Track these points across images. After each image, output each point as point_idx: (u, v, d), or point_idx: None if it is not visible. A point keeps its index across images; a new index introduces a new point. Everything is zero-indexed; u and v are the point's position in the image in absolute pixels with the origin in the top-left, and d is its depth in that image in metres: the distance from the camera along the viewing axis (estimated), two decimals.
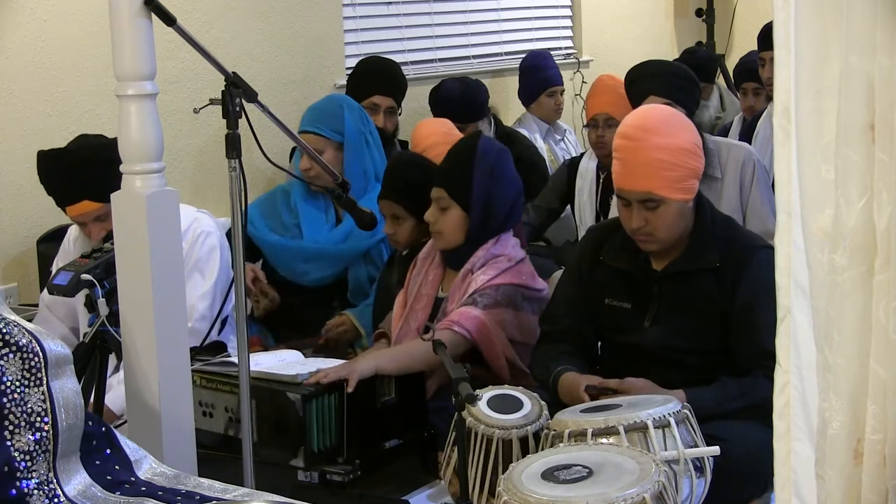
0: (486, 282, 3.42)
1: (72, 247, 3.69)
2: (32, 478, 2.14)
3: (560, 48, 6.47)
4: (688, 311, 3.12)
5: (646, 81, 4.26)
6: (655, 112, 3.19)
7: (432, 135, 4.37)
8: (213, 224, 3.67)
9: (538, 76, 5.65)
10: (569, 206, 5.04)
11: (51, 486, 2.16)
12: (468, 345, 3.34)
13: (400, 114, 4.89)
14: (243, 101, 2.65)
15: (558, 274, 4.48)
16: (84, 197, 3.46)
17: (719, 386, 3.03)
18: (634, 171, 3.05)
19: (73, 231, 3.70)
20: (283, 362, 3.31)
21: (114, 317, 2.80)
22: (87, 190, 3.44)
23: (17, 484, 2.12)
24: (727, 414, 2.97)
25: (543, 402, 2.96)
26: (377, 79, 4.80)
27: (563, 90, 5.74)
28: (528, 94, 5.70)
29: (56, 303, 3.64)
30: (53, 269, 3.71)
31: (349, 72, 5.12)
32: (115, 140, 3.48)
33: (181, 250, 2.74)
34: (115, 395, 3.20)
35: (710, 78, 5.97)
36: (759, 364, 2.89)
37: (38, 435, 2.16)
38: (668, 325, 3.13)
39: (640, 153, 3.03)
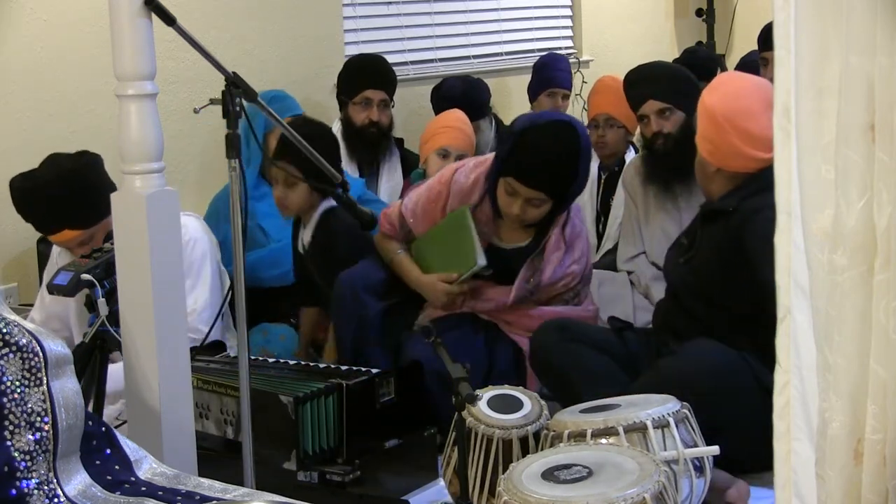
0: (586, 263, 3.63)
1: (57, 259, 3.68)
2: (32, 478, 2.14)
3: (560, 48, 6.47)
4: (707, 253, 3.26)
5: (644, 86, 4.27)
6: (729, 76, 3.57)
7: (448, 121, 4.58)
8: (200, 229, 3.67)
9: (543, 75, 5.66)
10: None
11: (51, 486, 2.16)
12: None
13: (393, 106, 4.89)
14: (243, 101, 2.64)
15: None
16: (64, 226, 3.46)
17: None
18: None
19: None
20: None
21: (114, 317, 2.80)
22: (66, 220, 3.43)
23: (17, 484, 2.12)
24: None
25: (543, 402, 2.96)
26: (367, 74, 4.82)
27: (566, 94, 5.73)
28: (532, 91, 5.72)
29: (50, 318, 3.63)
30: (44, 281, 3.72)
31: None
32: (87, 160, 3.49)
33: (181, 250, 2.74)
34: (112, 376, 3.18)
35: (710, 77, 5.96)
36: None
37: (38, 435, 2.16)
38: (690, 265, 3.29)
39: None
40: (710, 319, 3.22)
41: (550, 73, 5.68)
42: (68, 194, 3.40)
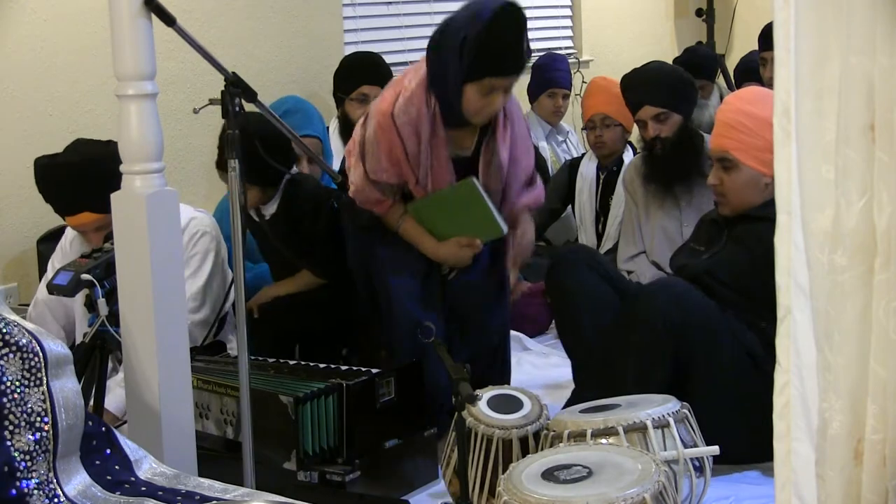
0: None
1: (69, 248, 3.69)
2: (32, 478, 2.14)
3: (560, 48, 6.47)
4: (741, 249, 3.26)
5: (639, 91, 4.30)
6: (761, 90, 3.49)
7: None
8: (210, 225, 3.66)
9: (542, 76, 5.66)
10: (569, 207, 5.05)
11: (51, 486, 2.16)
12: None
13: None
14: (243, 101, 2.64)
15: None
16: (84, 209, 3.46)
17: None
18: (717, 129, 3.32)
19: (71, 232, 3.70)
20: None
21: (114, 317, 2.80)
22: (87, 202, 3.43)
23: (17, 484, 2.12)
24: None
25: (543, 403, 2.96)
26: (364, 70, 4.83)
27: (567, 94, 5.73)
28: (532, 92, 5.72)
29: (53, 301, 3.64)
30: (49, 268, 3.72)
31: None
32: (113, 147, 3.50)
33: (181, 250, 2.74)
34: (115, 396, 3.20)
35: (710, 76, 5.96)
36: None
37: (38, 435, 2.16)
38: (720, 256, 3.31)
39: (724, 113, 3.31)
40: (735, 301, 3.24)
41: (550, 74, 5.68)
42: (92, 177, 3.40)
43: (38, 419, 2.16)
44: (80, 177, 3.43)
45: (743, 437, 2.95)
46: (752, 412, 2.84)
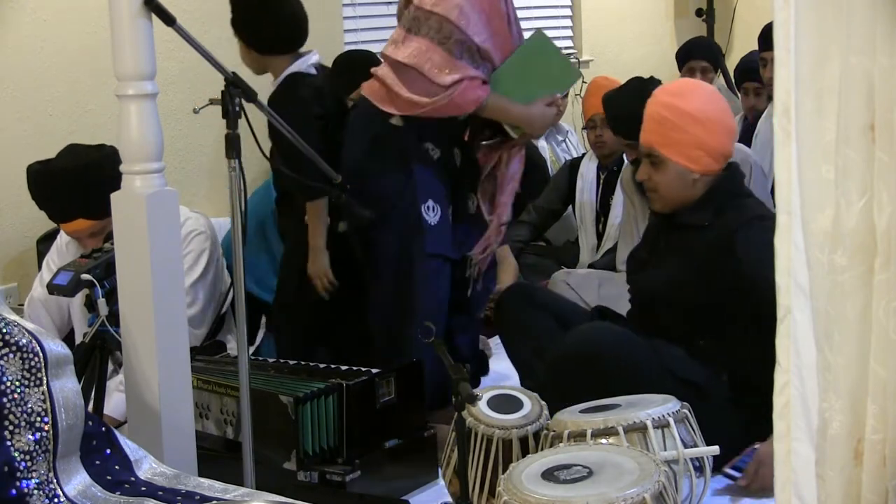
0: None
1: (65, 248, 3.69)
2: (32, 478, 2.14)
3: (560, 48, 6.46)
4: (674, 265, 3.25)
5: (611, 119, 4.41)
6: (689, 81, 3.55)
7: None
8: (205, 225, 3.66)
9: None
10: (570, 207, 5.05)
11: (51, 486, 2.16)
12: None
13: None
14: (243, 101, 2.64)
15: (559, 274, 4.51)
16: (78, 215, 3.46)
17: None
18: (644, 124, 3.29)
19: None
20: None
21: (114, 317, 2.80)
22: (81, 209, 3.44)
23: (17, 484, 2.12)
24: None
25: (543, 403, 2.96)
26: (357, 69, 4.81)
27: (566, 93, 5.71)
28: None
29: (49, 299, 3.65)
30: (44, 267, 3.73)
31: None
32: (106, 152, 3.50)
33: (181, 250, 2.74)
34: (114, 401, 3.20)
35: (713, 62, 5.89)
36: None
37: (38, 435, 2.16)
38: (658, 273, 3.29)
39: (649, 107, 3.27)
40: (672, 320, 3.24)
41: None
42: (85, 183, 3.41)
43: (38, 419, 2.16)
44: (75, 183, 3.42)
45: None
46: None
